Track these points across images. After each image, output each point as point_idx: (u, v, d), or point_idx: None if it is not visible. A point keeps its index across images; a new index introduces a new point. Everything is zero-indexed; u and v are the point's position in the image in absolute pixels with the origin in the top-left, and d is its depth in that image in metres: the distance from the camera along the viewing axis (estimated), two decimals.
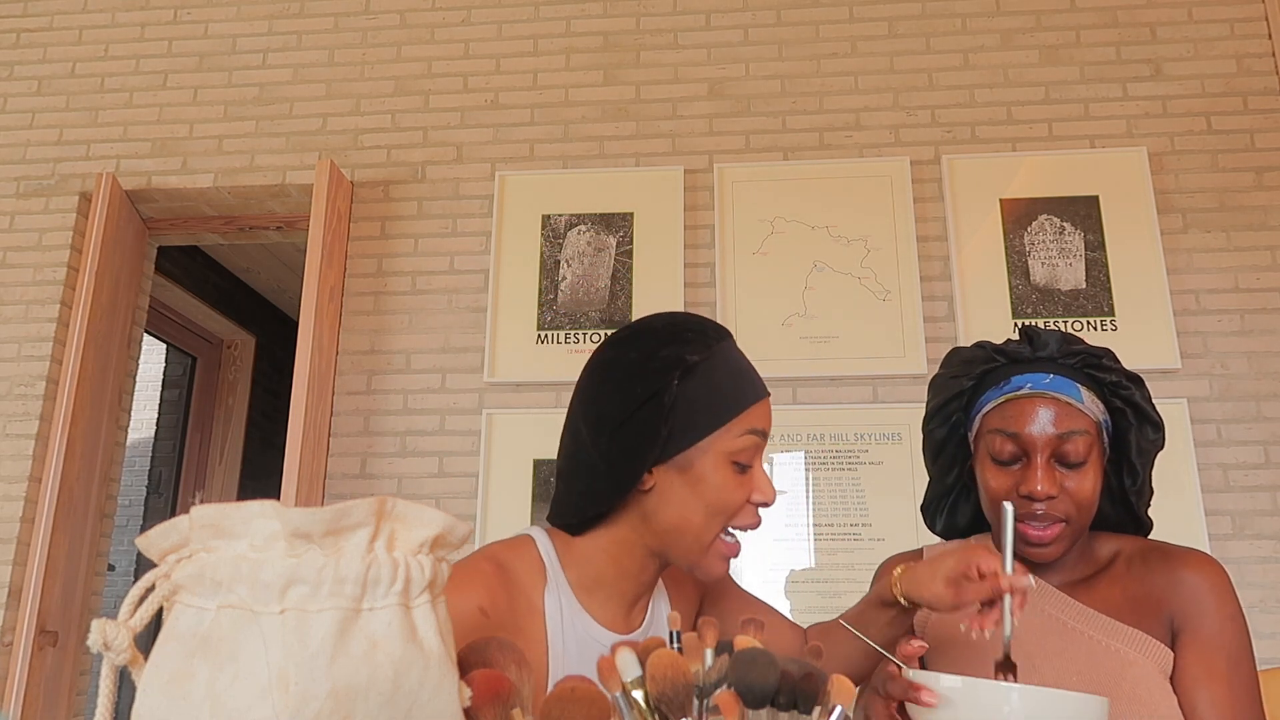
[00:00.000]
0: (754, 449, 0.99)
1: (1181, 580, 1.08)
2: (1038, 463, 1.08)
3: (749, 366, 1.04)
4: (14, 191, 2.66)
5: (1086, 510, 1.10)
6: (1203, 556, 1.11)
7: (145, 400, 4.34)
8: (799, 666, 0.69)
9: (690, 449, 0.97)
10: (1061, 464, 1.09)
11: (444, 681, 0.56)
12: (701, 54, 2.61)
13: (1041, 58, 2.52)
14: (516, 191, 2.53)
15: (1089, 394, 1.12)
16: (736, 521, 1.01)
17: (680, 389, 0.97)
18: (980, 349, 1.19)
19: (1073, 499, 1.08)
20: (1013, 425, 1.10)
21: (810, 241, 2.43)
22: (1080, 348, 1.14)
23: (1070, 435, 1.08)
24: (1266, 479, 2.19)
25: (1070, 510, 1.09)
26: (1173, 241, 2.35)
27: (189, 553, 0.56)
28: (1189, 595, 1.07)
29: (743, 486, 0.99)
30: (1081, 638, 1.09)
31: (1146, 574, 1.11)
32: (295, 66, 2.71)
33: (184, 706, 0.51)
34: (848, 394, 2.32)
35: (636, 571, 1.02)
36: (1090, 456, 1.09)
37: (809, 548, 2.24)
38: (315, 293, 2.37)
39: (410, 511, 0.58)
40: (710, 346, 1.01)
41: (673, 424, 0.97)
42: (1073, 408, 1.10)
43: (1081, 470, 1.09)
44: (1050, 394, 1.10)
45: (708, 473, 0.97)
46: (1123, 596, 1.11)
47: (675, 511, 0.98)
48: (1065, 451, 1.08)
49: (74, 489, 2.39)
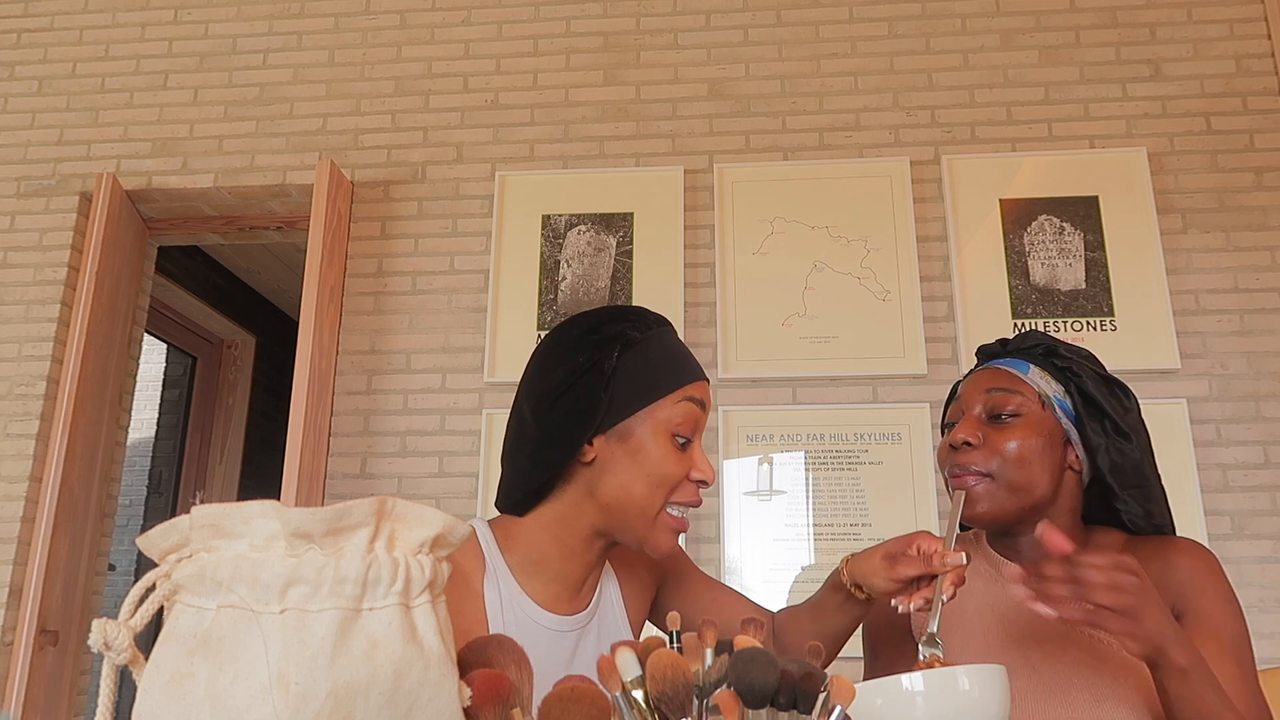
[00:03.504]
0: (693, 420, 1.01)
1: (1175, 565, 1.09)
2: (968, 416, 1.14)
3: (688, 353, 1.07)
4: (14, 191, 2.66)
5: (1013, 466, 1.10)
6: (1192, 542, 1.13)
7: (145, 400, 4.34)
8: (799, 666, 0.69)
9: (630, 418, 0.99)
10: (991, 419, 1.13)
11: (444, 681, 0.56)
12: (701, 54, 2.61)
13: (1041, 58, 2.52)
14: (516, 191, 2.54)
15: (1040, 372, 1.16)
16: (677, 497, 1.01)
17: (621, 360, 1.00)
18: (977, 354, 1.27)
19: (996, 452, 1.10)
20: (958, 398, 1.19)
21: (810, 241, 2.43)
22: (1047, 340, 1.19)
23: (997, 391, 1.14)
24: (1266, 479, 2.19)
25: (990, 463, 1.10)
26: (1172, 241, 2.35)
27: (189, 553, 0.56)
28: (1185, 579, 1.08)
29: (682, 461, 1.01)
30: (1077, 633, 1.09)
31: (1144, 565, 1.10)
32: (295, 66, 2.71)
33: (184, 706, 0.51)
34: (848, 394, 2.32)
35: (581, 550, 1.03)
36: (1024, 416, 1.12)
37: (809, 548, 2.24)
38: (315, 293, 2.37)
39: (410, 511, 0.58)
40: (651, 328, 1.04)
41: (613, 393, 0.99)
42: (1011, 374, 1.15)
43: (1009, 426, 1.12)
44: (994, 366, 1.18)
45: (647, 442, 0.99)
46: None
47: (617, 482, 0.99)
48: (991, 404, 1.13)
49: (74, 489, 2.39)
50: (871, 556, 1.02)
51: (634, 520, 1.00)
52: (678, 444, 1.00)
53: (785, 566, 2.23)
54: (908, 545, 0.99)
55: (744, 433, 2.31)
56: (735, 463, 2.29)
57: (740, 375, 2.34)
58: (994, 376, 1.16)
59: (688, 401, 1.01)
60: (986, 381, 1.16)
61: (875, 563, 1.01)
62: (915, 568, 0.96)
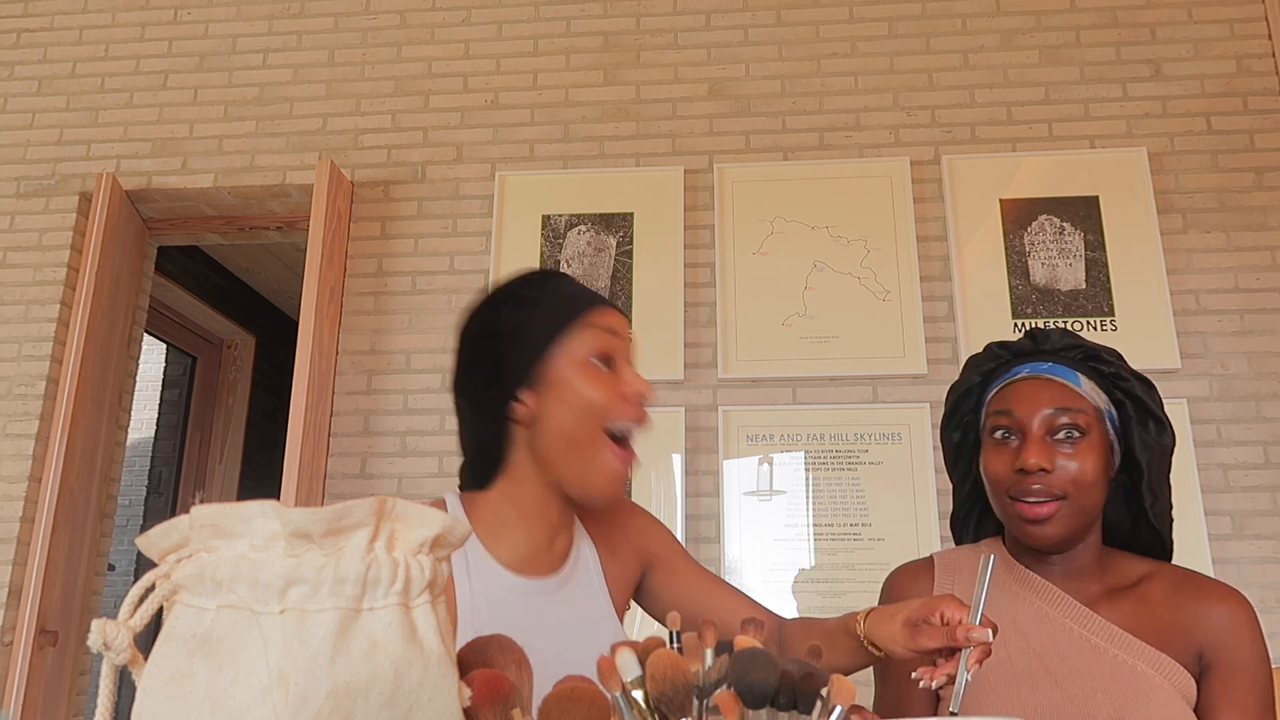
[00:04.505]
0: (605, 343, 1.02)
1: (1214, 614, 1.08)
2: (1033, 436, 1.10)
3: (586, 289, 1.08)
4: (14, 191, 2.66)
5: (1085, 490, 1.09)
6: (1236, 593, 1.11)
7: (145, 400, 4.34)
8: (799, 666, 0.69)
9: (542, 364, 1.01)
10: (1057, 441, 1.10)
11: (444, 681, 0.56)
12: (701, 54, 2.61)
13: (1041, 58, 2.52)
14: (516, 191, 2.53)
15: (1089, 382, 1.14)
16: (614, 417, 1.01)
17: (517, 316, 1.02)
18: (988, 348, 1.22)
19: (1068, 475, 1.08)
20: (1009, 404, 1.13)
21: (810, 241, 2.43)
22: (1082, 342, 1.17)
23: (1064, 410, 1.10)
24: (1266, 479, 2.19)
25: (1067, 487, 1.09)
26: (1173, 241, 2.35)
27: (189, 553, 0.56)
28: (1222, 630, 1.08)
29: (608, 382, 1.01)
30: (1104, 655, 1.08)
31: (1179, 603, 1.11)
32: (295, 66, 2.71)
33: (184, 706, 0.51)
34: (848, 394, 2.32)
35: (538, 509, 1.05)
36: (1088, 436, 1.10)
37: (809, 548, 2.24)
38: (315, 293, 2.37)
39: (410, 511, 0.58)
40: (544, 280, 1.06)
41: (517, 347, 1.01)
42: (1069, 389, 1.12)
43: (1078, 447, 1.09)
44: (1047, 376, 1.13)
45: (568, 376, 1.00)
46: (1150, 619, 1.10)
47: (552, 427, 1.00)
48: (1059, 425, 1.10)
49: (74, 489, 2.39)
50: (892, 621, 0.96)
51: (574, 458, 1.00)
52: (598, 369, 1.01)
53: (785, 566, 2.23)
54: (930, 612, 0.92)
55: (744, 433, 2.31)
56: (735, 463, 2.29)
57: (740, 375, 2.34)
58: (1054, 393, 1.12)
59: (593, 328, 1.01)
60: (1047, 399, 1.11)
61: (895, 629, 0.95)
62: (937, 640, 0.90)
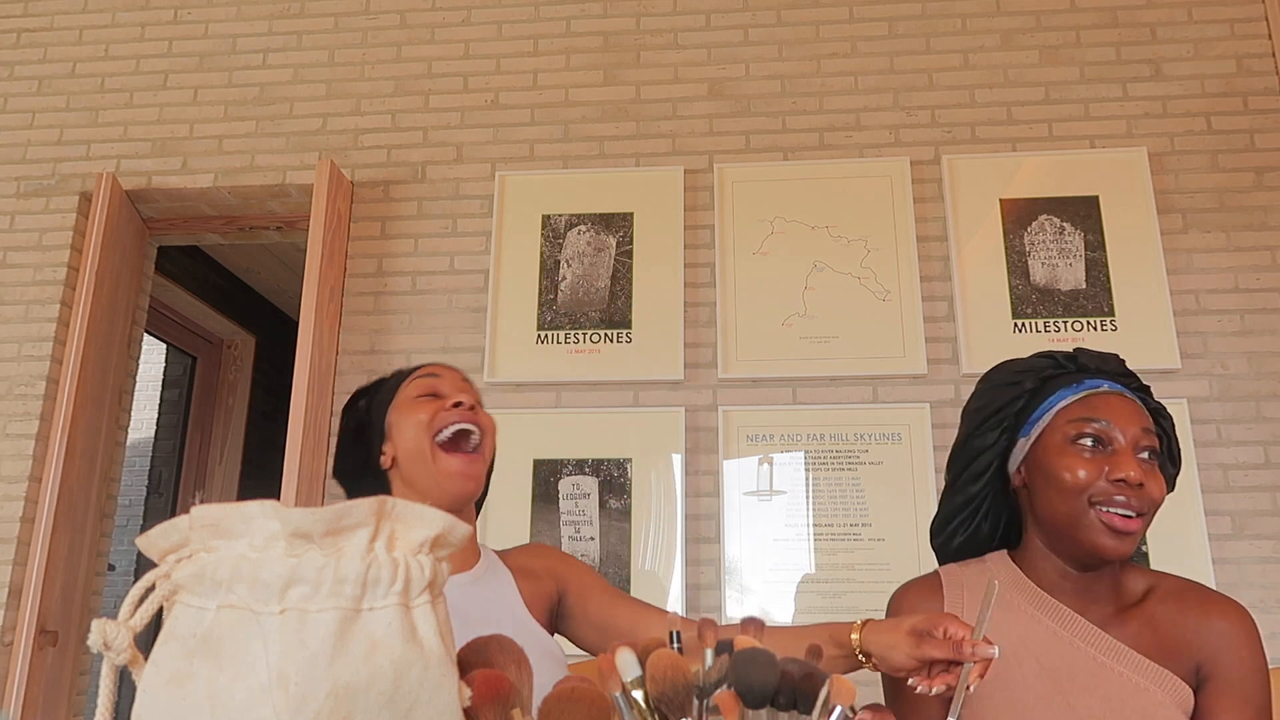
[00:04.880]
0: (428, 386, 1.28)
1: (1214, 627, 1.10)
2: (1127, 447, 1.11)
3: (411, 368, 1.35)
4: (14, 191, 2.66)
5: (1156, 509, 1.11)
6: (1237, 606, 1.13)
7: (145, 400, 4.34)
8: (799, 666, 0.69)
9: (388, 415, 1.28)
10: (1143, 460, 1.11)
11: (444, 681, 0.56)
12: (701, 54, 2.61)
13: (1041, 58, 2.52)
14: (516, 191, 2.53)
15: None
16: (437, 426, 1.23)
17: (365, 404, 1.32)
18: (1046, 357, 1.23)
19: (1152, 495, 1.10)
20: (1100, 413, 1.13)
21: (810, 241, 2.43)
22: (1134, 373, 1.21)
23: (1149, 432, 1.13)
24: (1266, 479, 2.19)
25: (1148, 505, 1.10)
26: (1173, 241, 2.35)
27: (189, 553, 0.56)
28: (1221, 643, 1.09)
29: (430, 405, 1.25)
30: (1113, 674, 1.09)
31: (1182, 617, 1.12)
32: (295, 66, 2.71)
33: (184, 706, 0.51)
34: (848, 394, 2.32)
35: None
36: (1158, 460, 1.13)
37: (809, 548, 2.24)
38: (315, 293, 2.37)
39: (410, 511, 0.58)
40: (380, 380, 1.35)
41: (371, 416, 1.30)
42: (1146, 413, 1.15)
43: (1153, 469, 1.11)
44: (1132, 399, 1.16)
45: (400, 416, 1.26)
46: (1154, 636, 1.12)
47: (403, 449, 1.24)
48: (1146, 445, 1.11)
49: (74, 489, 2.39)
50: (894, 630, 1.00)
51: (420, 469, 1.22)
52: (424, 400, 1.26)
53: (785, 567, 2.23)
54: (935, 626, 0.96)
55: (744, 433, 2.31)
56: (735, 463, 2.29)
57: (740, 375, 2.34)
58: (1140, 413, 1.15)
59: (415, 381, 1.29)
60: (1139, 416, 1.14)
61: (899, 636, 0.99)
62: (943, 651, 0.94)
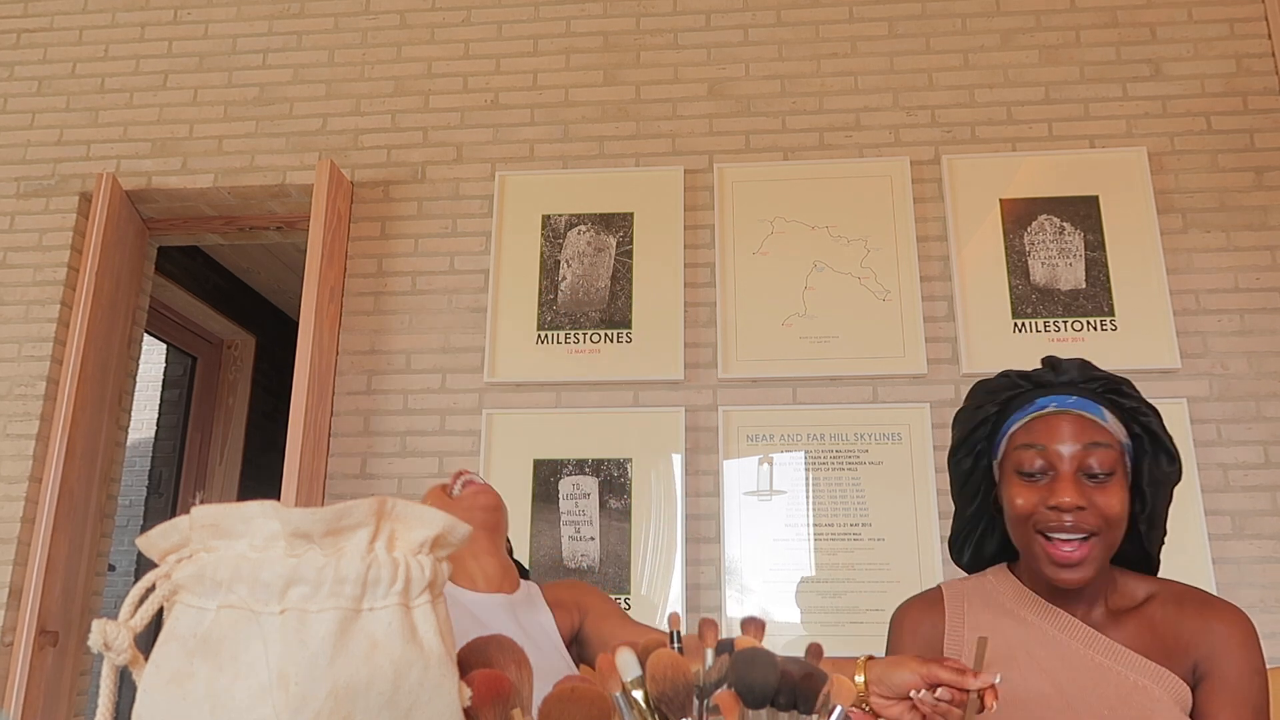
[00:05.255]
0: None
1: (1212, 629, 1.10)
2: (1064, 473, 1.11)
3: None
4: (14, 191, 2.66)
5: (1115, 527, 1.11)
6: (1236, 610, 1.13)
7: (145, 400, 4.34)
8: (799, 666, 0.69)
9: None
10: (1088, 478, 1.11)
11: (444, 681, 0.56)
12: (701, 54, 2.61)
13: (1041, 58, 2.52)
14: (516, 191, 2.53)
15: (1111, 416, 1.15)
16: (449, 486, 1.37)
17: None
18: (1004, 377, 1.22)
19: (1100, 513, 1.09)
20: (1040, 439, 1.13)
21: (810, 241, 2.43)
22: (1101, 373, 1.17)
23: (1096, 447, 1.11)
24: (1266, 479, 2.19)
25: (1098, 524, 1.10)
26: (1173, 241, 2.35)
27: (189, 553, 0.56)
28: (1218, 644, 1.09)
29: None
30: (1111, 674, 1.10)
31: (1180, 619, 1.13)
32: (295, 66, 2.71)
33: (184, 706, 0.51)
34: (848, 394, 2.32)
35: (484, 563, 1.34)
36: (1115, 473, 1.11)
37: (809, 548, 2.24)
38: (315, 293, 2.37)
39: (410, 511, 0.58)
40: None
41: None
42: (1097, 424, 1.13)
43: (1108, 485, 1.10)
44: (1075, 411, 1.14)
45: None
46: (1153, 637, 1.12)
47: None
48: (1091, 464, 1.10)
49: (74, 489, 2.39)
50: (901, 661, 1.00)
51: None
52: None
53: (785, 567, 2.23)
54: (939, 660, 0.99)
55: (744, 433, 2.31)
56: (735, 463, 2.29)
57: (740, 375, 2.34)
58: (1085, 429, 1.12)
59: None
60: (1079, 435, 1.12)
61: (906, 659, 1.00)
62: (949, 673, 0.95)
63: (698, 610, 2.22)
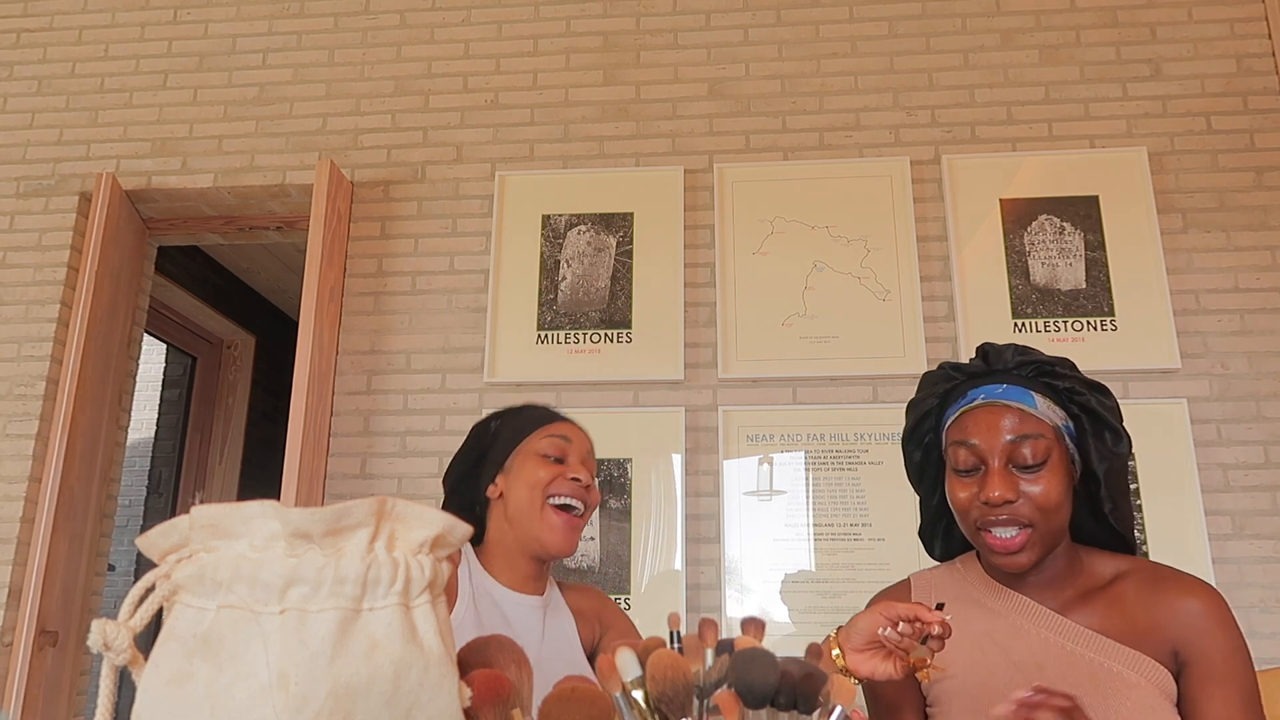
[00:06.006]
0: (555, 446, 1.38)
1: (1185, 609, 1.09)
2: (994, 468, 1.11)
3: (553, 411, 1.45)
4: (14, 191, 2.66)
5: (1051, 513, 1.11)
6: (1205, 586, 1.12)
7: (145, 400, 4.34)
8: (799, 666, 0.69)
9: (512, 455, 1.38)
10: (1019, 468, 1.11)
11: (444, 681, 0.56)
12: (701, 54, 2.61)
13: (1041, 58, 2.52)
14: (516, 191, 2.53)
15: (1045, 400, 1.14)
16: (553, 489, 1.34)
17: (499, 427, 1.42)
18: (941, 369, 1.23)
19: (1033, 502, 1.10)
20: (969, 434, 1.14)
21: (810, 241, 2.43)
22: (1034, 358, 1.17)
23: (1023, 439, 1.11)
24: (1266, 479, 2.19)
25: (1033, 514, 1.10)
26: (1173, 241, 2.35)
27: (189, 553, 0.56)
28: (1194, 626, 1.08)
29: (552, 469, 1.35)
30: (1081, 660, 1.09)
31: (1151, 599, 1.12)
32: (295, 66, 2.71)
33: (184, 706, 0.51)
34: (848, 394, 2.32)
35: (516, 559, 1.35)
36: (1049, 459, 1.11)
37: (809, 548, 2.24)
38: (315, 293, 2.37)
39: (410, 511, 0.58)
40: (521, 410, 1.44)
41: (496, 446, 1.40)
42: (1026, 413, 1.12)
43: (1039, 473, 1.11)
44: (1002, 402, 1.14)
45: (524, 465, 1.36)
46: (1123, 619, 1.11)
47: (513, 498, 1.36)
48: (1020, 455, 1.11)
49: (74, 489, 2.39)
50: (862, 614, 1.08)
51: (526, 519, 1.33)
52: (548, 461, 1.36)
53: (785, 567, 2.23)
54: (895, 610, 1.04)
55: (744, 433, 2.31)
56: (735, 463, 2.29)
57: (740, 375, 2.34)
58: (1011, 420, 1.12)
59: (549, 437, 1.38)
60: (1004, 427, 1.12)
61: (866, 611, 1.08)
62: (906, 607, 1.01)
63: (698, 610, 2.22)
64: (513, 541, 1.35)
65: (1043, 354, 1.17)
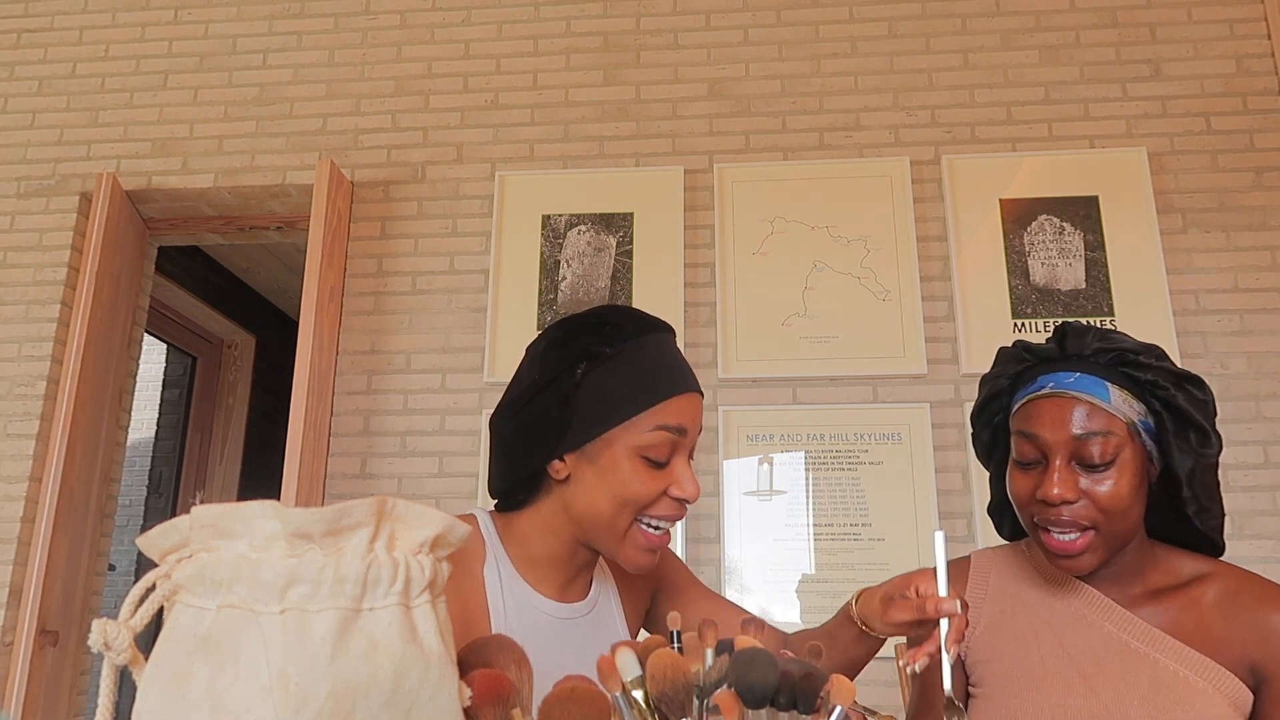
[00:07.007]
0: (666, 445, 0.97)
1: (1272, 625, 1.02)
2: (1055, 465, 1.03)
3: (675, 363, 1.01)
4: (14, 191, 2.66)
5: (1117, 516, 1.02)
6: None
7: (145, 400, 4.34)
8: (799, 666, 0.69)
9: (597, 440, 0.97)
10: (1083, 466, 1.03)
11: (444, 681, 0.56)
12: (701, 54, 2.61)
13: (1041, 58, 2.52)
14: (516, 191, 2.54)
15: (1121, 393, 1.04)
16: (652, 512, 0.99)
17: (585, 379, 0.98)
18: (1015, 346, 1.14)
19: (1097, 503, 1.02)
20: (1032, 426, 1.05)
21: (810, 241, 2.43)
22: (1116, 344, 1.06)
23: (1090, 436, 1.02)
24: (1266, 479, 2.19)
25: (1095, 516, 1.02)
26: (1172, 241, 2.35)
27: (189, 553, 0.56)
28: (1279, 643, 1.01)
29: (656, 480, 0.98)
30: (1145, 660, 1.03)
31: (1233, 607, 1.04)
32: (295, 66, 2.71)
33: (184, 706, 0.51)
34: (848, 394, 2.32)
35: (567, 555, 1.04)
36: (1118, 459, 1.02)
37: (809, 548, 2.24)
38: (315, 293, 2.37)
39: (410, 511, 0.58)
40: (628, 340, 0.99)
41: (574, 413, 0.97)
42: (1096, 407, 1.03)
43: (1105, 473, 1.02)
44: (1071, 394, 1.04)
45: (616, 464, 0.97)
46: (1198, 624, 1.05)
47: (585, 500, 0.99)
48: (1086, 453, 1.02)
49: (74, 489, 2.39)
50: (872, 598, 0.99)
51: (604, 536, 1.00)
52: (649, 464, 0.97)
53: (785, 567, 2.23)
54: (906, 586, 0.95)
55: (744, 433, 2.31)
56: (735, 463, 2.29)
57: (740, 375, 2.34)
58: (1079, 414, 1.03)
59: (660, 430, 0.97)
60: (1071, 421, 1.03)
61: (875, 605, 0.97)
62: (909, 612, 0.92)
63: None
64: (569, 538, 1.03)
65: (1129, 340, 1.07)
